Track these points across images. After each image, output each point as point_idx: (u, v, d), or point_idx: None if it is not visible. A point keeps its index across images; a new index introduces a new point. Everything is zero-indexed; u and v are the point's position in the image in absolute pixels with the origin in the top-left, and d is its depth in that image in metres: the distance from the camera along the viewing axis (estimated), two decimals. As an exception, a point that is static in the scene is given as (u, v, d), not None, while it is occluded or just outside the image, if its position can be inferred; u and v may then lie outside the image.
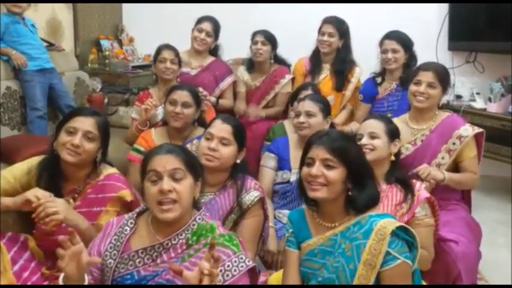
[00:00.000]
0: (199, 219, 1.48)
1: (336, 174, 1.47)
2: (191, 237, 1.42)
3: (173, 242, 1.42)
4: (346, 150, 1.50)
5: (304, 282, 1.56)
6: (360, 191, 1.49)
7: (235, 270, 1.36)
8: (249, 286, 1.44)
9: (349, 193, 1.49)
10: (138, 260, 1.43)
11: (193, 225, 1.45)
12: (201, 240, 1.42)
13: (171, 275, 1.37)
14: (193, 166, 1.48)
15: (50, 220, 1.59)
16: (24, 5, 2.99)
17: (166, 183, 1.39)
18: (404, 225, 1.45)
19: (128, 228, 1.48)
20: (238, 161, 1.94)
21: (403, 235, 1.42)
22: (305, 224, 1.59)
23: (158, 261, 1.42)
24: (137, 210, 1.54)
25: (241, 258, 1.39)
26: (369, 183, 1.52)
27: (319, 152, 1.49)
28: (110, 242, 1.46)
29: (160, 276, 1.39)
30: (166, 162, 1.41)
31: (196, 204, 1.53)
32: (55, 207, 1.60)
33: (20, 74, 3.05)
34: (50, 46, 3.53)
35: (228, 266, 1.36)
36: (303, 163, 1.55)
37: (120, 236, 1.47)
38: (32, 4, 3.34)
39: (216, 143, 1.87)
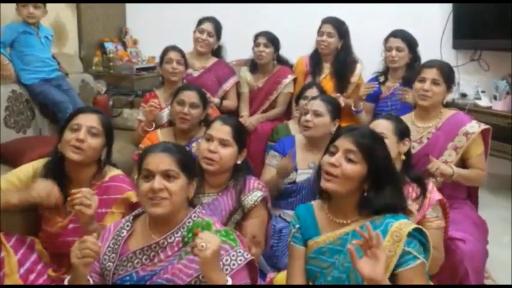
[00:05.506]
0: (194, 216, 1.49)
1: (354, 169, 1.42)
2: (187, 234, 1.42)
3: (169, 240, 1.43)
4: (373, 148, 1.45)
5: (310, 281, 1.53)
6: (376, 194, 1.44)
7: (233, 264, 1.37)
8: (251, 286, 1.44)
9: (365, 194, 1.45)
10: (136, 261, 1.44)
11: (189, 222, 1.46)
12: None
13: (170, 274, 1.39)
14: (188, 167, 1.48)
15: (79, 209, 1.55)
16: (38, 14, 2.96)
17: (158, 182, 1.40)
18: (420, 227, 1.44)
19: (125, 231, 1.49)
20: (239, 162, 1.93)
21: (419, 236, 1.41)
22: (313, 220, 1.55)
23: (156, 260, 1.43)
24: (134, 213, 1.55)
25: (240, 252, 1.40)
26: (389, 189, 1.45)
27: (345, 142, 1.45)
28: (108, 246, 1.48)
29: (159, 276, 1.40)
30: (160, 162, 1.42)
31: (192, 203, 1.54)
32: (91, 201, 1.57)
33: (29, 90, 2.98)
34: None
35: (227, 260, 1.37)
36: (326, 151, 1.51)
37: (117, 240, 1.48)
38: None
39: (216, 145, 1.87)
